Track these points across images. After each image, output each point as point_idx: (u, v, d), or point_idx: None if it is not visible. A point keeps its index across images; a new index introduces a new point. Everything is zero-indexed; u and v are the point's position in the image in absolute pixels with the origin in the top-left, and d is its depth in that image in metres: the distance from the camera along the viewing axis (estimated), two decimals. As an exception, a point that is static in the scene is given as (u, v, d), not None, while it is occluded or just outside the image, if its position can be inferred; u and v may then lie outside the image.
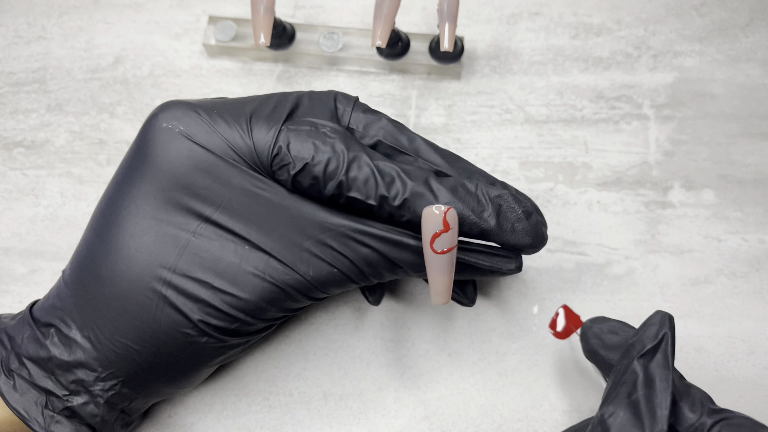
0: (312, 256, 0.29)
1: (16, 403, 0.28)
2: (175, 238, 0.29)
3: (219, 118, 0.29)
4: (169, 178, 0.29)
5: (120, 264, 0.29)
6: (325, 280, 0.29)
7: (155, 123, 0.30)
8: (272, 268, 0.29)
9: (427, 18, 0.44)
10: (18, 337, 0.30)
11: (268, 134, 0.29)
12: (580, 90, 0.41)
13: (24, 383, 0.29)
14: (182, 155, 0.29)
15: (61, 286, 0.30)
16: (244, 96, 0.32)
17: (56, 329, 0.29)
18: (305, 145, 0.28)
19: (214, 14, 0.44)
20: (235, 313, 0.29)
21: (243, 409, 0.35)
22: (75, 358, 0.29)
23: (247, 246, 0.29)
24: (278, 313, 0.30)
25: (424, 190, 0.28)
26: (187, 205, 0.29)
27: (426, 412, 0.34)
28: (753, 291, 0.36)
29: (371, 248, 0.29)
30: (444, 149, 0.31)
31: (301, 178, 0.28)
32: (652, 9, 0.43)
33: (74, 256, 0.31)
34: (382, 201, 0.28)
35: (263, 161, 0.29)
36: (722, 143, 0.39)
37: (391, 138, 0.31)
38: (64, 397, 0.29)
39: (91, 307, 0.29)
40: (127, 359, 0.29)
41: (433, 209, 0.27)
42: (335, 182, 0.28)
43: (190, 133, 0.29)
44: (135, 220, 0.29)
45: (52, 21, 0.45)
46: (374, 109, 0.32)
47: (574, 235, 0.38)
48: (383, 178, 0.28)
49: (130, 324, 0.28)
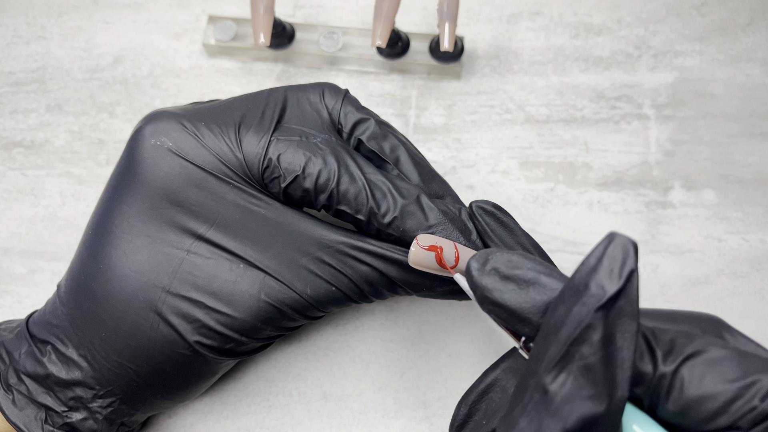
0: (309, 273, 0.28)
1: (16, 418, 0.28)
2: (169, 256, 0.28)
3: (206, 130, 0.29)
4: (161, 195, 0.28)
5: (113, 284, 0.28)
6: (323, 298, 0.29)
7: (142, 139, 0.29)
8: (268, 286, 0.28)
9: (427, 18, 0.44)
10: (16, 353, 0.29)
11: (257, 146, 0.28)
12: (580, 90, 0.41)
13: (23, 398, 0.29)
14: (173, 172, 0.28)
15: (57, 303, 0.30)
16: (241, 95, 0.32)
17: (53, 347, 0.29)
18: (296, 157, 0.28)
19: (213, 14, 0.44)
20: (229, 333, 0.28)
21: (243, 410, 0.35)
22: (72, 376, 0.28)
23: (242, 264, 0.28)
24: (274, 332, 0.29)
25: (415, 208, 0.28)
26: (180, 223, 0.28)
27: (426, 413, 0.34)
28: (754, 291, 0.36)
29: (371, 266, 0.28)
30: (425, 164, 0.31)
31: (292, 190, 0.28)
32: (653, 9, 0.43)
33: (69, 273, 0.30)
34: (372, 217, 0.28)
35: (254, 174, 0.28)
36: (723, 143, 0.39)
37: (374, 143, 0.30)
38: (63, 413, 0.29)
39: (86, 326, 0.29)
40: (124, 377, 0.29)
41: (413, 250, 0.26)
42: (326, 194, 0.28)
43: (179, 149, 0.28)
44: (128, 238, 0.28)
45: (52, 21, 0.45)
46: (364, 106, 0.32)
47: (575, 235, 0.38)
48: (374, 193, 0.28)
49: (124, 344, 0.28)
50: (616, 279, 0.18)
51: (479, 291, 0.22)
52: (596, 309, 0.18)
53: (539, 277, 0.21)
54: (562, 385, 0.18)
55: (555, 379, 0.18)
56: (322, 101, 0.31)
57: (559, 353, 0.19)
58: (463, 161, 0.40)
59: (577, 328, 0.18)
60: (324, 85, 0.31)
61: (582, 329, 0.18)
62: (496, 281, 0.22)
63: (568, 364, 0.18)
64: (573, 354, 0.18)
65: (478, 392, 0.24)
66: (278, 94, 0.31)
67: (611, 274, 0.19)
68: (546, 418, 0.18)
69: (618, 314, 0.19)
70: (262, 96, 0.31)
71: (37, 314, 0.31)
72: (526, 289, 0.21)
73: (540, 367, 0.19)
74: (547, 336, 0.19)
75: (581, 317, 0.18)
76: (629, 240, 0.19)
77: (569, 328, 0.19)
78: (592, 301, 0.18)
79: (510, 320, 0.22)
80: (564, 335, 0.19)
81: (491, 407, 0.24)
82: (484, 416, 0.24)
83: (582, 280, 0.19)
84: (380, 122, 0.31)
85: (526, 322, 0.21)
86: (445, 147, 0.40)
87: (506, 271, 0.22)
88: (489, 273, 0.22)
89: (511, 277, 0.22)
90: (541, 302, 0.21)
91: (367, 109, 0.32)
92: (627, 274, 0.18)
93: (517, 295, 0.21)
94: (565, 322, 0.19)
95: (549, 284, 0.21)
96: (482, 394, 0.24)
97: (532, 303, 0.21)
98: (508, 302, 0.21)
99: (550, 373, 0.19)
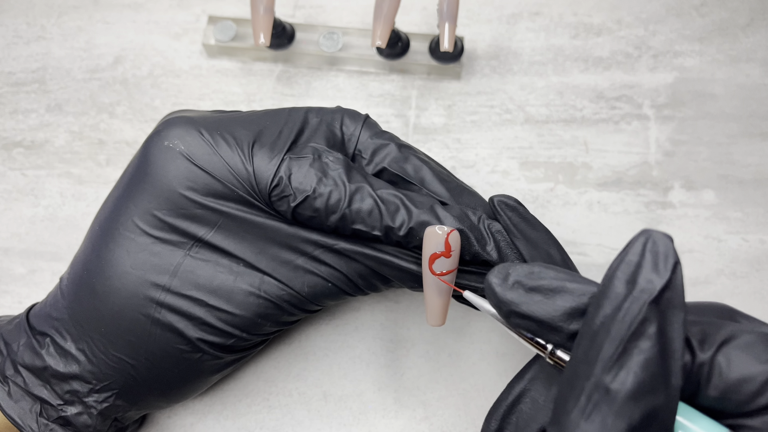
0: (306, 272, 0.29)
1: (11, 409, 0.28)
2: (171, 256, 0.29)
3: (221, 139, 0.29)
4: (166, 196, 0.29)
5: (114, 281, 0.29)
6: (320, 293, 0.30)
7: (157, 140, 0.29)
8: (267, 284, 0.29)
9: (427, 18, 0.44)
10: (14, 344, 0.30)
11: (269, 163, 0.28)
12: (580, 90, 0.41)
13: (19, 390, 0.29)
14: (181, 175, 0.29)
15: (58, 295, 0.30)
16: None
17: (52, 339, 0.29)
18: (307, 177, 0.28)
19: (213, 14, 0.44)
20: (230, 330, 0.29)
21: (243, 410, 0.35)
22: (70, 369, 0.29)
23: (241, 264, 0.29)
24: (273, 327, 0.30)
25: (430, 217, 0.28)
26: (183, 225, 0.29)
27: (426, 413, 0.34)
28: (753, 291, 0.36)
29: (365, 265, 0.29)
30: (451, 179, 0.31)
31: (302, 210, 0.28)
32: (652, 9, 0.43)
33: (72, 266, 0.31)
34: (388, 231, 0.28)
35: (261, 190, 0.28)
36: (722, 143, 0.39)
37: (396, 166, 0.30)
38: (59, 406, 0.29)
39: (86, 320, 0.29)
40: (122, 372, 0.29)
41: (435, 229, 0.27)
42: (338, 215, 0.28)
43: (191, 154, 0.29)
44: (131, 236, 0.29)
45: (52, 21, 0.45)
46: (383, 130, 0.32)
47: (575, 236, 0.38)
48: (387, 207, 0.28)
49: (124, 339, 0.29)
50: (663, 272, 0.19)
51: (505, 306, 0.22)
52: (649, 303, 0.19)
53: (564, 285, 0.22)
54: (623, 383, 0.18)
55: (616, 377, 0.19)
56: (342, 127, 0.31)
57: (617, 351, 0.19)
58: (463, 161, 0.40)
59: (633, 324, 0.19)
60: (344, 111, 0.32)
61: (638, 324, 0.19)
62: (521, 294, 0.22)
63: (628, 361, 0.19)
64: (631, 349, 0.19)
65: (507, 405, 0.24)
66: (298, 115, 0.31)
67: (656, 267, 0.19)
68: (609, 416, 0.18)
69: (667, 306, 0.19)
70: (283, 114, 0.31)
71: (38, 306, 0.31)
72: (552, 298, 0.22)
73: (595, 368, 0.19)
74: (595, 337, 0.19)
75: (635, 313, 0.19)
76: (666, 235, 0.20)
77: (623, 325, 0.19)
78: (644, 296, 0.19)
79: (539, 331, 0.22)
80: (619, 333, 0.19)
81: (522, 419, 0.24)
82: (516, 429, 0.24)
83: (625, 277, 0.19)
84: (400, 145, 0.31)
85: (557, 330, 0.21)
86: (445, 147, 0.40)
87: (530, 282, 0.22)
88: (513, 287, 0.22)
89: (536, 288, 0.22)
90: (570, 309, 0.21)
91: (387, 132, 0.32)
92: (672, 266, 0.19)
93: (544, 305, 0.22)
94: (615, 320, 0.19)
95: (576, 289, 0.21)
96: (511, 406, 0.24)
97: (562, 311, 0.21)
98: (537, 313, 0.22)
99: (610, 372, 0.19)
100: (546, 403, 0.24)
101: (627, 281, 0.19)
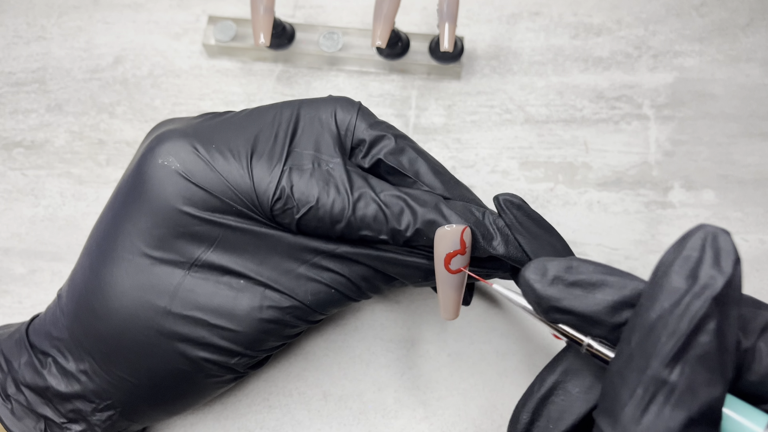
0: (309, 280, 0.29)
1: (15, 427, 0.28)
2: (170, 275, 0.28)
3: (217, 153, 0.28)
4: (164, 215, 0.28)
5: (114, 302, 0.28)
6: (323, 301, 0.29)
7: (151, 158, 0.29)
8: (269, 298, 0.29)
9: (427, 18, 0.44)
10: (15, 362, 0.29)
11: (269, 176, 0.28)
12: (580, 90, 0.41)
13: (22, 409, 0.29)
14: (178, 194, 0.28)
15: (57, 313, 0.30)
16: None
17: (54, 359, 0.29)
18: (309, 187, 0.28)
19: (213, 14, 0.44)
20: (233, 347, 0.29)
21: (243, 410, 0.35)
22: (72, 390, 0.29)
23: (242, 280, 0.29)
24: (277, 341, 0.30)
25: (436, 216, 0.28)
26: (182, 244, 0.28)
27: (426, 413, 0.34)
28: (753, 291, 0.36)
29: (368, 266, 0.29)
30: (445, 173, 0.30)
31: (307, 221, 0.28)
32: (652, 9, 0.43)
33: (70, 283, 0.30)
34: (395, 234, 0.28)
35: (262, 203, 0.28)
36: (722, 143, 0.39)
37: (392, 158, 0.30)
38: (63, 424, 0.29)
39: (87, 340, 0.29)
40: (124, 391, 0.29)
41: (446, 228, 0.27)
42: (343, 224, 0.28)
43: (187, 171, 0.28)
44: (130, 257, 0.28)
45: (52, 21, 0.45)
46: (378, 120, 0.31)
47: (574, 235, 0.38)
48: (391, 210, 0.28)
49: (125, 359, 0.28)
50: (725, 268, 0.19)
51: (545, 302, 0.22)
52: (712, 299, 0.19)
53: (605, 278, 0.22)
54: (681, 375, 0.19)
55: (673, 370, 0.19)
56: (336, 119, 0.31)
57: (677, 345, 0.19)
58: (463, 161, 0.40)
59: (694, 319, 0.19)
60: (337, 101, 0.31)
61: (699, 319, 0.19)
62: (562, 290, 0.22)
63: (685, 354, 0.19)
64: (691, 344, 0.19)
65: (540, 397, 0.24)
66: (290, 112, 0.30)
67: (718, 263, 0.19)
68: (667, 408, 0.19)
69: (725, 301, 0.19)
70: (276, 113, 0.30)
71: (38, 322, 0.31)
72: (592, 292, 0.22)
73: (652, 360, 0.19)
74: (651, 330, 0.20)
75: (696, 308, 0.19)
76: (725, 230, 0.20)
77: (684, 319, 0.19)
78: (707, 292, 0.19)
79: (580, 325, 0.22)
80: (679, 327, 0.19)
81: (555, 410, 0.24)
82: (549, 421, 0.24)
83: (684, 272, 0.20)
84: (397, 135, 0.31)
85: (600, 324, 0.22)
86: (445, 147, 0.40)
87: (569, 277, 0.22)
88: (553, 283, 0.22)
89: (576, 282, 0.22)
90: (612, 302, 0.21)
91: (382, 122, 0.31)
92: (733, 262, 0.19)
93: (586, 299, 0.22)
94: (674, 314, 0.19)
95: (617, 282, 0.22)
96: (544, 398, 0.24)
97: (604, 304, 0.21)
98: (579, 308, 0.22)
99: (668, 365, 0.19)
100: (580, 394, 0.24)
101: (687, 276, 0.19)
